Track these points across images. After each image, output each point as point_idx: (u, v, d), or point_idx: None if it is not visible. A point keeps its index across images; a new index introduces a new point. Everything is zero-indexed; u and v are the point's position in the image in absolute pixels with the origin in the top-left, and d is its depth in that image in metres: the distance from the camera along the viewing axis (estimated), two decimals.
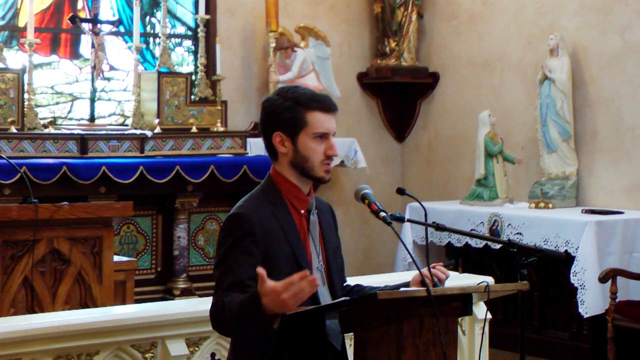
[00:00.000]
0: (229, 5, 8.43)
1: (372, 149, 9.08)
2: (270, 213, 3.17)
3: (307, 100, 3.20)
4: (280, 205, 3.21)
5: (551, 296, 7.31)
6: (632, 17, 7.48)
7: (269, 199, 3.22)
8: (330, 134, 3.23)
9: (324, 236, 3.31)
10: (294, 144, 3.21)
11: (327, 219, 3.38)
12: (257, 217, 3.14)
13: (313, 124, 3.19)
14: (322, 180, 3.25)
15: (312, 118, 3.20)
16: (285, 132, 3.21)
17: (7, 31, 7.64)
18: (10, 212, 4.43)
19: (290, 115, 3.20)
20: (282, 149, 3.23)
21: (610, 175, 7.59)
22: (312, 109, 3.20)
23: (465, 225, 7.58)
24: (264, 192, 3.25)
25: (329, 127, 3.22)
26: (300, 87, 3.29)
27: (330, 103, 3.24)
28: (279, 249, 3.14)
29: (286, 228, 3.17)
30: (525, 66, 8.21)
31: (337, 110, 3.26)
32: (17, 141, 6.84)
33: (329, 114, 3.23)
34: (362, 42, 9.18)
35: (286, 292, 2.86)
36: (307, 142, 3.20)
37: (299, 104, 3.20)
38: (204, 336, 3.97)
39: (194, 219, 7.63)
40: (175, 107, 7.68)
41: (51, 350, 3.63)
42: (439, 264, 3.35)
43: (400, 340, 3.04)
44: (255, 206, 3.18)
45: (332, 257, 3.32)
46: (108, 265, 4.72)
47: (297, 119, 3.19)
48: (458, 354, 3.54)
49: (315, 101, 3.21)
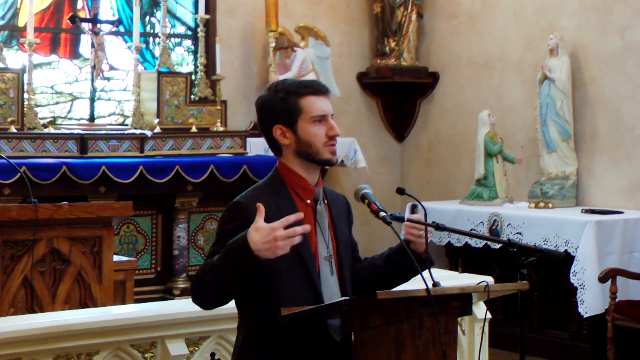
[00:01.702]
0: (229, 5, 8.43)
1: (372, 149, 9.08)
2: (272, 203, 3.18)
3: (297, 88, 3.24)
4: (284, 196, 3.23)
5: (551, 296, 7.31)
6: (632, 17, 7.48)
7: (273, 190, 3.24)
8: (328, 115, 3.26)
9: (334, 227, 3.32)
10: (295, 133, 3.23)
11: (341, 211, 3.39)
12: (256, 204, 3.15)
13: (309, 109, 3.22)
14: (329, 162, 3.26)
15: (306, 103, 3.22)
16: (284, 124, 3.23)
17: (7, 31, 7.64)
18: (10, 212, 4.43)
19: (285, 105, 3.22)
20: (285, 141, 3.25)
21: (610, 175, 7.59)
22: (303, 94, 3.23)
23: (465, 225, 7.58)
24: (268, 184, 3.27)
25: (325, 109, 3.25)
26: (287, 79, 3.34)
27: (320, 86, 3.28)
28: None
29: (286, 214, 3.17)
30: (525, 66, 8.21)
31: (328, 92, 3.30)
32: (17, 141, 6.84)
33: (322, 97, 3.26)
34: (362, 42, 9.18)
35: (280, 231, 2.93)
36: (307, 128, 3.22)
37: (291, 93, 3.23)
38: (204, 336, 3.97)
39: (194, 219, 7.63)
40: (175, 107, 7.68)
41: (51, 350, 3.64)
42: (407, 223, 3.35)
43: (400, 340, 3.04)
44: (257, 196, 3.20)
45: (343, 248, 3.33)
46: (108, 265, 4.72)
47: (293, 108, 3.22)
48: (458, 354, 3.53)
49: (305, 87, 3.25)
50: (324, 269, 3.23)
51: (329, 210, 3.33)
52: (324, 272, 3.23)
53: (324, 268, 3.23)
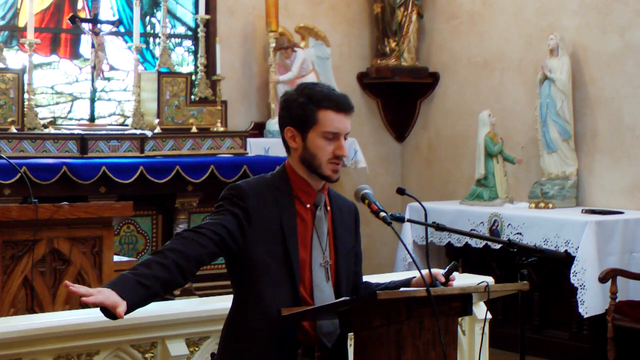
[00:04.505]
0: (229, 5, 8.43)
1: (372, 149, 9.09)
2: (271, 196, 3.21)
3: (320, 99, 3.21)
4: (285, 193, 3.24)
5: (551, 296, 7.31)
6: (632, 17, 7.48)
7: (277, 185, 3.25)
8: (342, 134, 3.24)
9: (335, 235, 3.31)
10: (304, 141, 3.23)
11: (346, 219, 3.38)
12: (255, 191, 3.19)
13: (324, 122, 3.21)
14: (328, 179, 3.26)
15: (323, 116, 3.21)
16: (296, 128, 3.24)
17: (7, 31, 7.64)
18: (10, 212, 4.43)
19: (302, 112, 3.21)
20: (293, 144, 3.26)
21: (610, 175, 7.59)
22: (324, 107, 3.21)
23: (465, 225, 7.58)
24: (273, 178, 3.29)
25: (340, 128, 3.23)
26: (320, 84, 3.31)
27: (345, 103, 3.24)
28: (270, 224, 3.17)
29: (283, 211, 3.20)
30: (525, 66, 8.22)
31: (352, 110, 3.26)
32: (17, 141, 6.84)
33: (342, 114, 3.24)
34: (362, 42, 9.18)
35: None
36: (316, 140, 3.21)
37: (312, 101, 3.21)
38: (204, 336, 3.97)
39: (194, 219, 7.62)
40: (175, 107, 7.68)
41: (51, 350, 3.63)
42: (438, 272, 3.36)
43: (400, 341, 3.04)
44: (257, 185, 3.24)
45: (343, 257, 3.32)
46: (108, 265, 4.72)
47: (308, 116, 3.21)
48: (458, 354, 3.54)
49: (329, 100, 3.22)
50: (318, 275, 3.22)
51: (332, 217, 3.32)
52: (318, 278, 3.22)
53: (318, 274, 3.22)
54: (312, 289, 3.20)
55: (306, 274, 3.20)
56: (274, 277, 3.14)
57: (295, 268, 3.17)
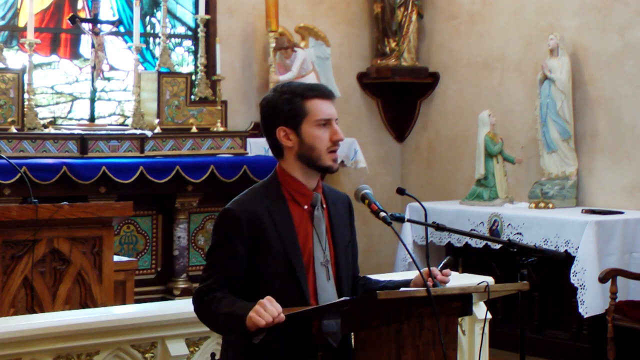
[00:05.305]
0: (229, 5, 8.43)
1: (372, 149, 9.08)
2: (264, 208, 3.20)
3: (303, 90, 3.25)
4: (278, 200, 3.23)
5: (551, 296, 7.31)
6: (632, 17, 7.48)
7: (268, 194, 3.25)
8: (333, 119, 3.26)
9: (333, 231, 3.32)
10: (299, 135, 3.23)
11: (341, 213, 3.39)
12: (247, 212, 3.19)
13: (314, 111, 3.23)
14: (330, 169, 3.27)
15: (311, 106, 3.23)
16: (288, 125, 3.24)
17: (7, 31, 7.64)
18: (10, 212, 4.43)
19: (290, 107, 3.23)
20: (288, 143, 3.25)
21: (610, 175, 7.59)
22: (309, 97, 3.24)
23: (465, 225, 7.58)
24: (264, 187, 3.29)
25: (330, 113, 3.26)
26: (292, 81, 3.35)
27: (326, 90, 3.30)
28: (269, 243, 3.18)
29: (279, 223, 3.19)
30: (525, 66, 8.21)
31: (334, 96, 3.31)
32: (17, 141, 6.84)
33: (327, 100, 3.27)
34: (362, 42, 9.18)
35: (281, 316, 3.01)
36: (311, 131, 3.22)
37: (296, 95, 3.24)
38: (204, 336, 3.97)
39: (194, 219, 7.63)
40: (175, 107, 7.68)
41: (51, 350, 3.64)
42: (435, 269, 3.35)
43: (400, 341, 3.04)
44: (248, 201, 3.24)
45: (342, 253, 3.33)
46: (108, 265, 4.73)
47: (298, 109, 3.23)
48: (458, 354, 3.54)
49: (311, 90, 3.26)
50: (320, 274, 3.23)
51: (328, 214, 3.33)
52: (320, 277, 3.23)
53: (320, 273, 3.23)
54: (316, 290, 3.21)
55: (310, 277, 3.21)
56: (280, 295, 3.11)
57: (303, 282, 3.19)
